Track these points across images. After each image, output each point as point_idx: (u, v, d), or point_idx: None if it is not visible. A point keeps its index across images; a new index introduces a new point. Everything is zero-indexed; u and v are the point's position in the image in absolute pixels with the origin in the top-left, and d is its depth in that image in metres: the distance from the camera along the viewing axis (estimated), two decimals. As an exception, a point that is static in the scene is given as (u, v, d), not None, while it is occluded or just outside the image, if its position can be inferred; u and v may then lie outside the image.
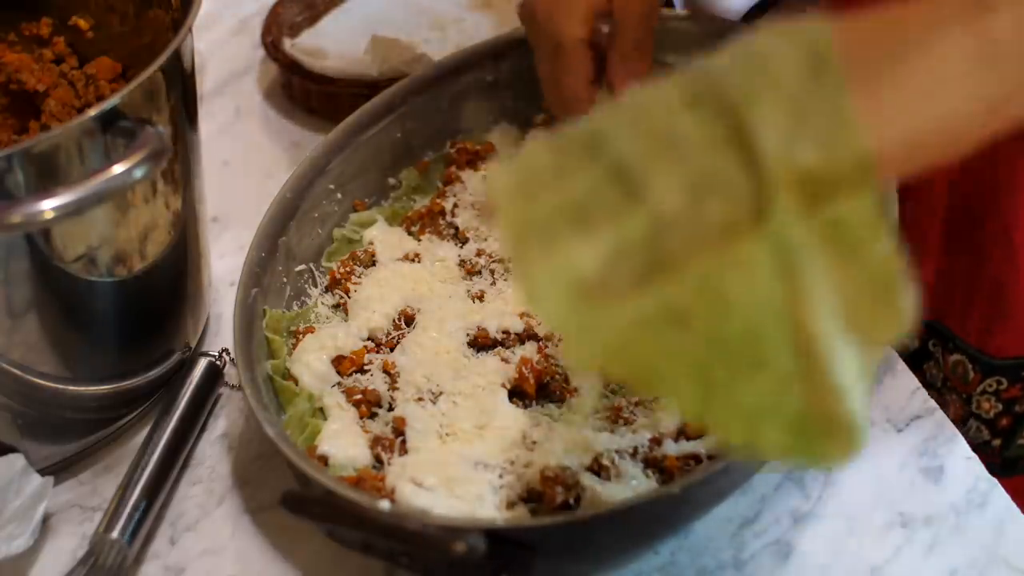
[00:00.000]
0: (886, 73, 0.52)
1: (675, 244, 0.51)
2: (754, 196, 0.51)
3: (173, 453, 0.84)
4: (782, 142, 0.51)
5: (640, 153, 0.53)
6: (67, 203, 0.69)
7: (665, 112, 0.53)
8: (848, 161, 0.51)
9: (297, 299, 0.90)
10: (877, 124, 0.51)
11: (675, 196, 0.52)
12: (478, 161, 0.97)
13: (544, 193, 0.54)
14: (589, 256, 0.52)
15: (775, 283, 0.51)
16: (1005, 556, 0.75)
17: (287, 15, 1.14)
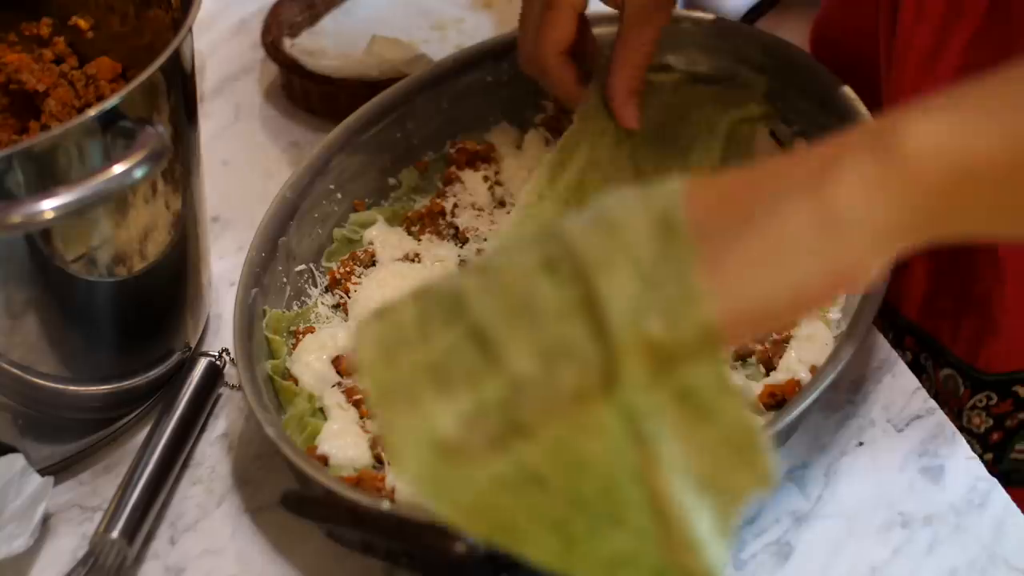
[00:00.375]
0: (731, 243, 0.53)
1: (529, 408, 0.53)
2: (603, 364, 0.52)
3: (173, 453, 0.84)
4: (629, 311, 0.52)
5: (497, 316, 0.54)
6: (67, 203, 0.69)
7: (523, 275, 0.55)
8: (693, 332, 0.52)
9: (297, 299, 0.90)
10: (722, 294, 0.52)
11: (529, 361, 0.53)
12: (478, 161, 0.97)
13: (408, 352, 0.56)
14: (448, 417, 0.54)
15: (627, 447, 0.53)
16: (1005, 556, 0.75)
17: (287, 15, 1.14)
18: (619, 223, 0.54)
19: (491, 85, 0.98)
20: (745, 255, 0.53)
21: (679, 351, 0.52)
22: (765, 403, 0.79)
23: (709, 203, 0.54)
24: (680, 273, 0.52)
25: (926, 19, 0.81)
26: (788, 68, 0.93)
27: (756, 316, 0.53)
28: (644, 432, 0.52)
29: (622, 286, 0.53)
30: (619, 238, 0.54)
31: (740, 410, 0.53)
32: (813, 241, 0.52)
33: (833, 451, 0.81)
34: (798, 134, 0.92)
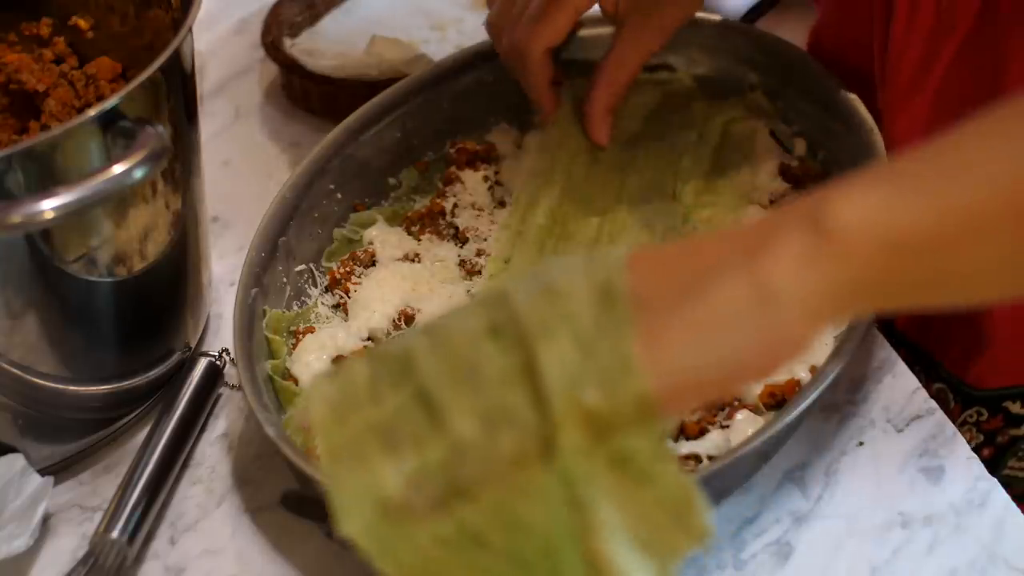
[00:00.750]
0: (668, 314, 0.54)
1: (471, 471, 0.54)
2: (541, 430, 0.53)
3: (173, 453, 0.84)
4: (567, 380, 0.53)
5: (443, 380, 0.56)
6: (67, 203, 0.69)
7: (468, 340, 0.56)
8: (628, 402, 0.53)
9: (297, 299, 0.90)
10: (657, 365, 0.53)
11: (471, 425, 0.55)
12: (478, 161, 0.97)
13: (358, 413, 0.57)
14: (393, 477, 0.55)
15: (565, 511, 0.54)
16: (1005, 556, 0.75)
17: (287, 15, 1.14)
18: (562, 291, 0.56)
19: (491, 85, 0.98)
20: (681, 327, 0.54)
21: (615, 420, 0.53)
22: (765, 403, 0.79)
23: (650, 274, 0.56)
24: (617, 343, 0.54)
25: (917, 30, 0.81)
26: (788, 68, 0.93)
27: (691, 387, 0.55)
28: (581, 497, 0.54)
29: (561, 354, 0.54)
30: (561, 306, 0.55)
31: (675, 475, 0.54)
32: (747, 314, 0.53)
33: (833, 451, 0.81)
34: (798, 134, 0.93)
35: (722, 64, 0.95)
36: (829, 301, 0.53)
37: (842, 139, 0.88)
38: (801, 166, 0.91)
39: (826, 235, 0.53)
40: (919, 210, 0.53)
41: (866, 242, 0.53)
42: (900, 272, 0.53)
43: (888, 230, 0.53)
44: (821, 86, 0.90)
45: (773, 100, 0.94)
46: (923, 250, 0.53)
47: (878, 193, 0.53)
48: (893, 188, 0.53)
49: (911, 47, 0.82)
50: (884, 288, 0.54)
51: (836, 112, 0.89)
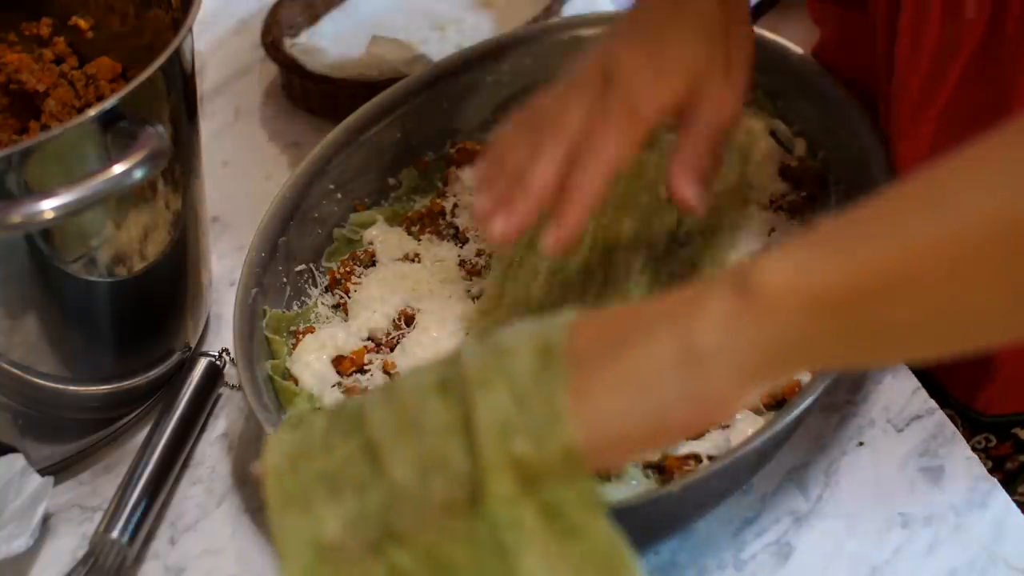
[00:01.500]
0: (597, 370, 0.56)
1: (404, 516, 0.56)
2: (471, 477, 0.55)
3: (173, 453, 0.84)
4: (499, 428, 0.55)
5: (388, 431, 0.58)
6: (67, 203, 0.69)
7: (418, 395, 0.58)
8: (556, 452, 0.55)
9: (297, 299, 0.90)
10: (584, 417, 0.55)
11: (408, 472, 0.57)
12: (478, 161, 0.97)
13: (309, 462, 0.59)
14: (332, 522, 0.57)
15: (493, 558, 0.55)
16: (1005, 556, 0.75)
17: (287, 15, 1.14)
18: (507, 349, 0.58)
19: (491, 85, 0.98)
20: (608, 381, 0.55)
21: (543, 469, 0.55)
22: (765, 403, 0.79)
23: (589, 334, 0.57)
24: (549, 395, 0.55)
25: (922, 51, 0.81)
26: (788, 69, 0.93)
27: (618, 440, 0.56)
28: (506, 543, 0.55)
29: (496, 405, 0.56)
30: (503, 362, 0.57)
31: (604, 529, 0.55)
32: (672, 371, 0.55)
33: (833, 451, 0.81)
34: (798, 134, 0.93)
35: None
36: (754, 362, 0.55)
37: (842, 139, 0.88)
38: (801, 166, 0.91)
39: (749, 297, 0.54)
40: (832, 271, 0.54)
41: (787, 304, 0.54)
42: (821, 332, 0.54)
43: (807, 291, 0.54)
44: (821, 86, 0.90)
45: (773, 100, 0.94)
46: (839, 309, 0.54)
47: (798, 255, 0.55)
48: (813, 250, 0.55)
49: (917, 68, 0.82)
50: (809, 348, 0.55)
51: (836, 112, 0.89)
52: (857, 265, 0.54)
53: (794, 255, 0.55)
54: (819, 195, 0.90)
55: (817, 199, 0.90)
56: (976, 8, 0.78)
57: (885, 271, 0.53)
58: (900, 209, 0.55)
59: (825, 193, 0.90)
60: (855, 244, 0.54)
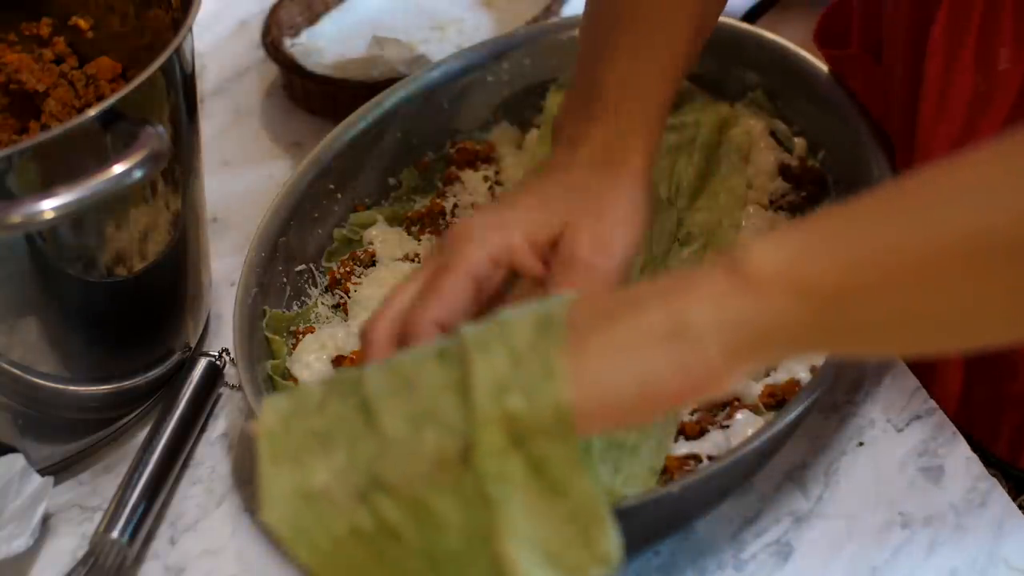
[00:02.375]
0: (592, 335, 0.58)
1: (393, 466, 0.57)
2: (464, 431, 0.56)
3: (173, 453, 0.84)
4: (494, 386, 0.57)
5: (384, 391, 0.59)
6: (67, 203, 0.69)
7: (416, 362, 0.60)
8: (548, 408, 0.56)
9: (297, 299, 0.90)
10: (578, 379, 0.56)
11: (400, 425, 0.58)
12: (478, 161, 0.97)
13: (302, 421, 0.60)
14: (320, 471, 0.58)
15: (478, 511, 0.57)
16: (1005, 556, 0.75)
17: (287, 15, 1.14)
18: (508, 321, 0.59)
19: (491, 85, 0.98)
20: (601, 345, 0.57)
21: (534, 426, 0.56)
22: (765, 403, 0.79)
23: (586, 308, 0.59)
24: (545, 358, 0.57)
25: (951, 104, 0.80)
26: (788, 68, 0.93)
27: (606, 403, 0.57)
28: (492, 496, 0.56)
29: (493, 365, 0.57)
30: (503, 331, 0.59)
31: (587, 488, 0.57)
32: (663, 340, 0.57)
33: (833, 451, 0.81)
34: (798, 134, 0.93)
35: (722, 64, 0.95)
36: (743, 340, 0.56)
37: (842, 139, 0.88)
38: (801, 166, 0.91)
39: (741, 278, 0.56)
40: (828, 262, 0.56)
41: (775, 288, 0.56)
42: (808, 320, 0.56)
43: (798, 278, 0.56)
44: (821, 86, 0.90)
45: (773, 100, 0.94)
46: (827, 301, 0.55)
47: (795, 243, 0.57)
48: (810, 239, 0.57)
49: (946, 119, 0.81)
50: (796, 334, 0.57)
51: (836, 112, 0.89)
52: (847, 262, 0.55)
53: (788, 243, 0.57)
54: (819, 195, 0.90)
55: (817, 199, 0.90)
56: (1011, 58, 0.78)
57: (874, 270, 0.55)
58: (894, 210, 0.56)
59: (825, 193, 0.90)
60: (848, 241, 0.56)
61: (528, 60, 0.98)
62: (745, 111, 0.95)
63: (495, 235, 0.70)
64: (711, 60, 0.95)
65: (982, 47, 0.78)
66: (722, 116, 0.94)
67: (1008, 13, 0.77)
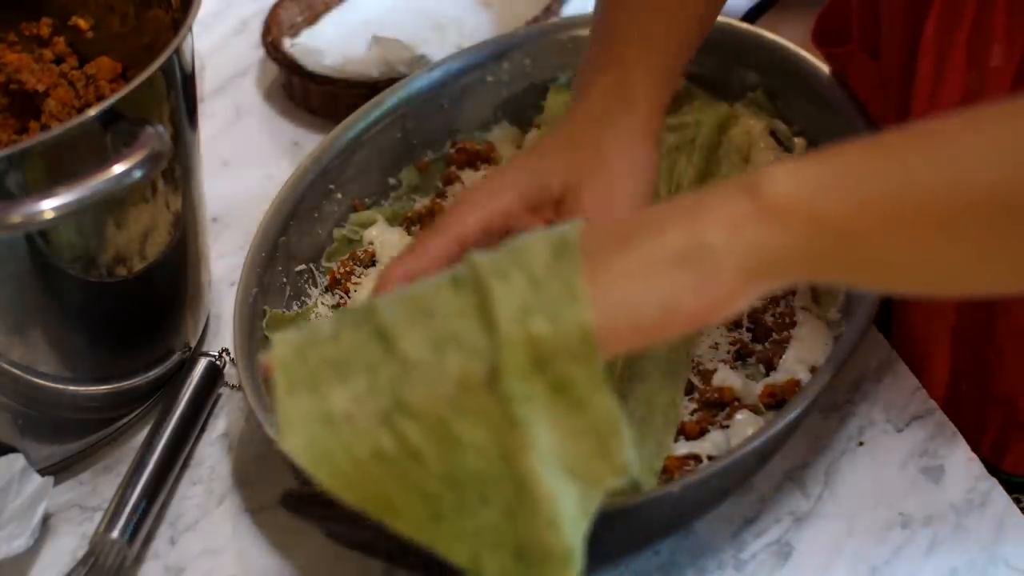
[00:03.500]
0: (611, 258, 0.59)
1: (416, 388, 0.58)
2: (488, 354, 0.57)
3: (173, 453, 0.84)
4: (517, 309, 0.58)
5: (401, 318, 0.60)
6: (67, 203, 0.69)
7: (431, 289, 0.61)
8: (572, 330, 0.57)
9: (297, 299, 0.90)
10: (600, 301, 0.58)
11: (421, 348, 0.58)
12: (478, 161, 0.97)
13: (316, 350, 0.61)
14: (342, 397, 0.59)
15: (502, 430, 0.57)
16: (1005, 556, 0.75)
17: (287, 15, 1.14)
18: (521, 247, 0.60)
19: (491, 85, 0.98)
20: (621, 267, 0.58)
21: (558, 347, 0.57)
22: (765, 403, 0.79)
23: (600, 232, 0.60)
24: (565, 280, 0.58)
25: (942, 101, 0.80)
26: (788, 68, 0.93)
27: (629, 323, 0.58)
28: (518, 416, 0.57)
29: (513, 290, 0.58)
30: (518, 256, 0.59)
31: (609, 406, 0.58)
32: (682, 261, 0.58)
33: (833, 451, 0.81)
34: (798, 134, 0.93)
35: (722, 64, 0.95)
36: (759, 262, 0.58)
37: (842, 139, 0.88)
38: (801, 166, 0.91)
39: (758, 202, 0.57)
40: (845, 197, 0.57)
41: (794, 215, 0.57)
42: (825, 250, 0.58)
43: (815, 210, 0.57)
44: (821, 86, 0.90)
45: (773, 100, 0.94)
46: (841, 234, 0.57)
47: (814, 175, 0.58)
48: (830, 172, 0.58)
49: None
50: (810, 260, 0.58)
51: (836, 112, 0.89)
52: (862, 198, 0.57)
53: (807, 174, 0.58)
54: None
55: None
56: (1003, 55, 0.77)
57: (886, 211, 0.57)
58: (913, 153, 0.58)
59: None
60: (866, 178, 0.57)
61: (528, 60, 0.98)
62: (745, 111, 0.95)
63: (491, 200, 0.72)
64: (711, 60, 0.95)
65: (974, 44, 0.78)
66: (722, 116, 0.94)
67: (1001, 9, 0.77)
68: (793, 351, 0.80)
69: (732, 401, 0.79)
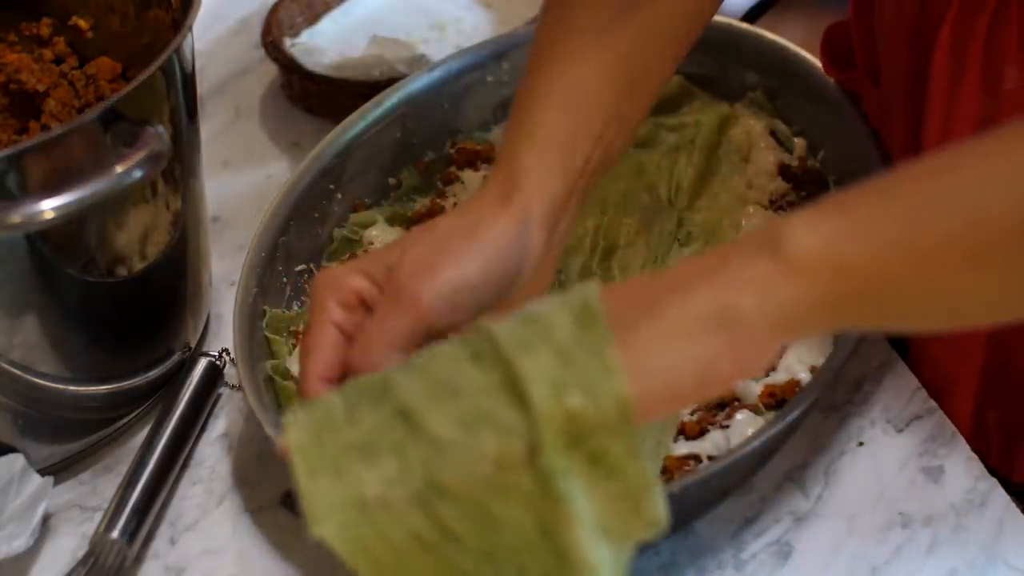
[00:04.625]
0: (640, 325, 0.58)
1: (451, 469, 0.57)
2: (525, 432, 0.56)
3: (173, 453, 0.84)
4: (550, 385, 0.57)
5: (422, 396, 0.59)
6: (67, 203, 0.69)
7: (449, 363, 0.59)
8: (610, 403, 0.56)
9: (297, 299, 0.90)
10: (633, 370, 0.57)
11: (452, 428, 0.57)
12: (478, 161, 0.97)
13: (335, 434, 0.59)
14: (373, 480, 0.58)
15: (542, 505, 0.57)
16: (1005, 556, 0.75)
17: (287, 15, 1.14)
18: (539, 316, 0.59)
19: (491, 85, 0.98)
20: (652, 334, 0.58)
21: (596, 422, 0.56)
22: (765, 403, 0.79)
23: (622, 298, 0.60)
24: (597, 352, 0.57)
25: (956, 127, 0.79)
26: (788, 68, 0.93)
27: (667, 392, 0.58)
28: (559, 491, 0.56)
29: (541, 364, 0.57)
30: (539, 327, 0.58)
31: (644, 471, 0.57)
32: (714, 325, 0.57)
33: (833, 451, 0.81)
34: (798, 134, 0.93)
35: (722, 64, 0.95)
36: (788, 320, 0.58)
37: (842, 139, 0.88)
38: (801, 166, 0.91)
39: (783, 259, 0.57)
40: (867, 243, 0.57)
41: (818, 270, 0.57)
42: (851, 298, 0.58)
43: (838, 260, 0.57)
44: (821, 86, 0.90)
45: (773, 100, 0.94)
46: (871, 280, 0.57)
47: (832, 223, 0.58)
48: (848, 220, 0.58)
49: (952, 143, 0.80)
50: (839, 311, 0.58)
51: (836, 112, 0.89)
52: (882, 242, 0.57)
53: (824, 224, 0.58)
54: (819, 195, 0.90)
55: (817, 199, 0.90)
56: (1018, 78, 0.76)
57: (909, 252, 0.57)
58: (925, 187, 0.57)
59: (825, 193, 0.90)
60: (883, 221, 0.57)
61: (528, 60, 0.98)
62: (745, 111, 0.95)
63: (340, 281, 0.71)
64: (711, 60, 0.95)
65: (988, 66, 0.77)
66: (722, 116, 0.94)
67: (1014, 27, 0.76)
68: (793, 351, 0.80)
69: (732, 401, 0.79)
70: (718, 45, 0.95)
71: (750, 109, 0.95)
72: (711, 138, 0.93)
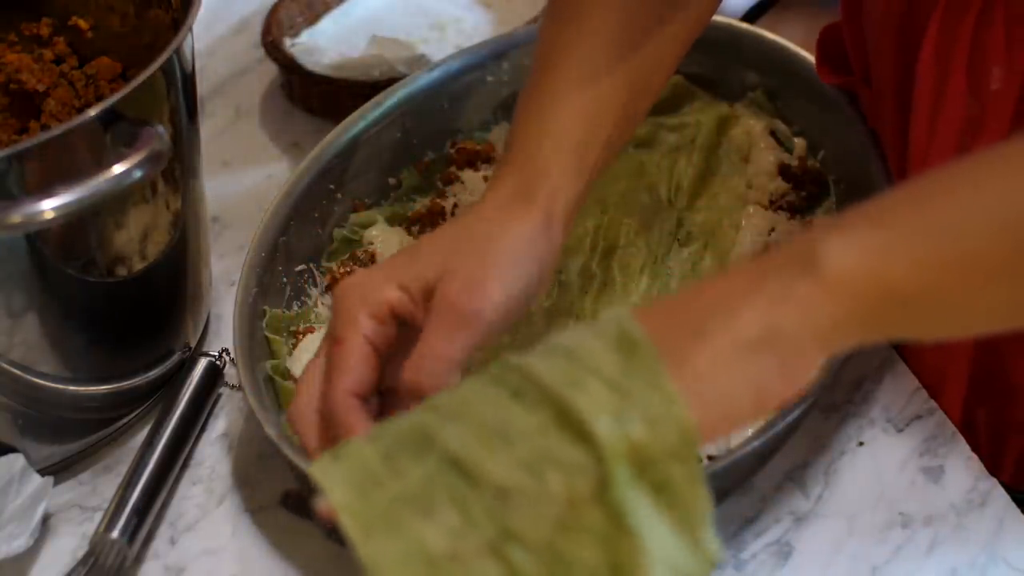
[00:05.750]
0: (690, 351, 0.58)
1: (522, 515, 0.56)
2: (593, 468, 0.56)
3: (173, 453, 0.84)
4: (611, 420, 0.56)
5: (471, 442, 0.57)
6: (67, 203, 0.69)
7: (491, 405, 0.58)
8: (673, 432, 0.56)
9: (297, 299, 0.90)
10: (696, 399, 0.57)
11: (513, 473, 0.57)
12: (478, 161, 0.97)
13: (380, 488, 0.58)
14: (436, 533, 0.57)
15: (613, 540, 0.56)
16: (1005, 556, 0.75)
17: (287, 15, 1.14)
18: (575, 349, 0.58)
19: (491, 85, 0.98)
20: (702, 359, 0.58)
21: (660, 451, 0.56)
22: (765, 403, 0.79)
23: (658, 322, 0.59)
24: (651, 381, 0.57)
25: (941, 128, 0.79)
26: (787, 68, 0.93)
27: (723, 414, 0.58)
28: (630, 524, 0.56)
29: (596, 399, 0.56)
30: (579, 361, 0.58)
31: (705, 496, 0.57)
32: (763, 347, 0.58)
33: (833, 451, 0.81)
34: (798, 134, 0.93)
35: (722, 64, 0.95)
36: (832, 337, 0.59)
37: (842, 139, 0.88)
38: (801, 166, 0.91)
39: (821, 281, 0.57)
40: (903, 259, 0.57)
41: (857, 289, 0.57)
42: (890, 313, 0.58)
43: (878, 277, 0.57)
44: (821, 86, 0.90)
45: (773, 100, 0.94)
46: (908, 296, 0.58)
47: (870, 241, 0.58)
48: (881, 235, 0.58)
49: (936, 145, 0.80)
50: (876, 325, 0.59)
51: (836, 112, 0.89)
52: (918, 257, 0.57)
53: (858, 240, 0.58)
54: (819, 195, 0.90)
55: (817, 199, 0.90)
56: (1003, 78, 0.76)
57: (944, 265, 0.57)
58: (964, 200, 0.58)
59: (825, 193, 0.90)
60: (916, 234, 0.58)
61: (528, 60, 0.97)
62: (745, 111, 0.95)
63: (372, 294, 0.70)
64: (711, 60, 0.95)
65: (973, 66, 0.77)
66: (722, 116, 0.94)
67: (999, 28, 0.75)
68: (793, 351, 0.80)
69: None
70: (718, 45, 0.95)
71: (750, 109, 0.95)
72: (711, 138, 0.93)
